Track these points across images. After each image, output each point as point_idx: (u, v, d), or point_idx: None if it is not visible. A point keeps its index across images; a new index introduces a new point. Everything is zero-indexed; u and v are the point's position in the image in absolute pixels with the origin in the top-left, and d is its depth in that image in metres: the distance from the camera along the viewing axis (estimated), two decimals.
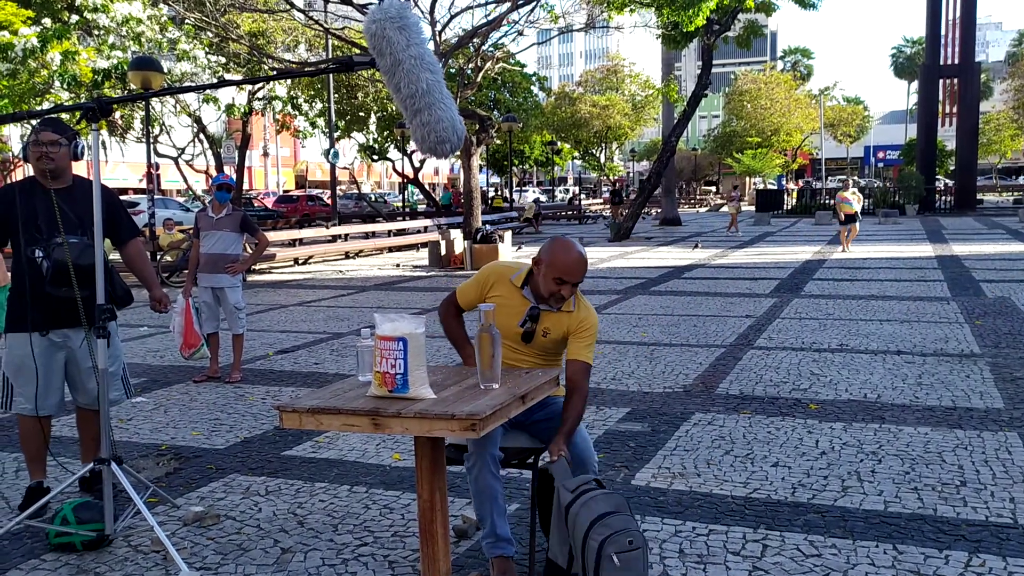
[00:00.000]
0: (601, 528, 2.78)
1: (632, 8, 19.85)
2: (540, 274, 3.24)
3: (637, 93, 54.79)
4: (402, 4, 2.74)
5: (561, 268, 3.18)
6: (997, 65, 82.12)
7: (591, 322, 3.31)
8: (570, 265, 3.18)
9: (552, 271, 3.19)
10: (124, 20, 16.71)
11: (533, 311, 3.29)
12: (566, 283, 3.18)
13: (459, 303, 3.46)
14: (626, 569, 2.74)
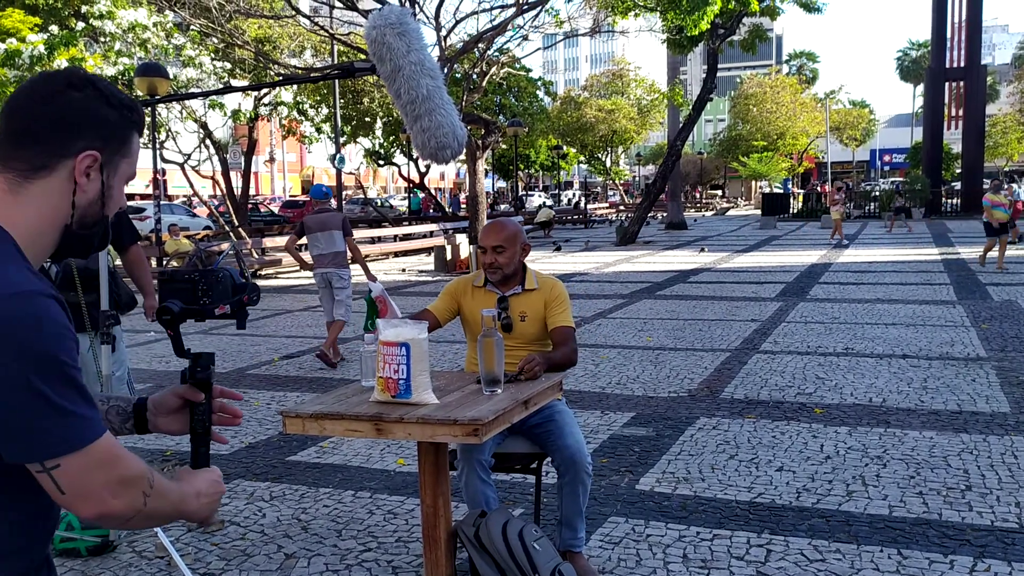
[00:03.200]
0: (511, 528, 2.98)
1: (637, 12, 19.86)
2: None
3: (643, 97, 54.78)
4: (402, 10, 2.75)
5: (480, 238, 3.49)
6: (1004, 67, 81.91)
7: (559, 290, 3.54)
8: (484, 232, 3.47)
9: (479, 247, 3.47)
10: (130, 27, 16.78)
11: (501, 300, 3.46)
12: (485, 250, 3.43)
13: (435, 316, 3.52)
14: (545, 551, 3.03)
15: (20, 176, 1.27)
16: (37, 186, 1.28)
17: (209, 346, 8.87)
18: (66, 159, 1.29)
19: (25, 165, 1.27)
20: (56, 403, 1.18)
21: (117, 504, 1.24)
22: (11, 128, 1.29)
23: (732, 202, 61.40)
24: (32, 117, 1.28)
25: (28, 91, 1.30)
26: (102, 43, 17.02)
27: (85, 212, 1.33)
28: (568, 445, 3.24)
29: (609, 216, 42.78)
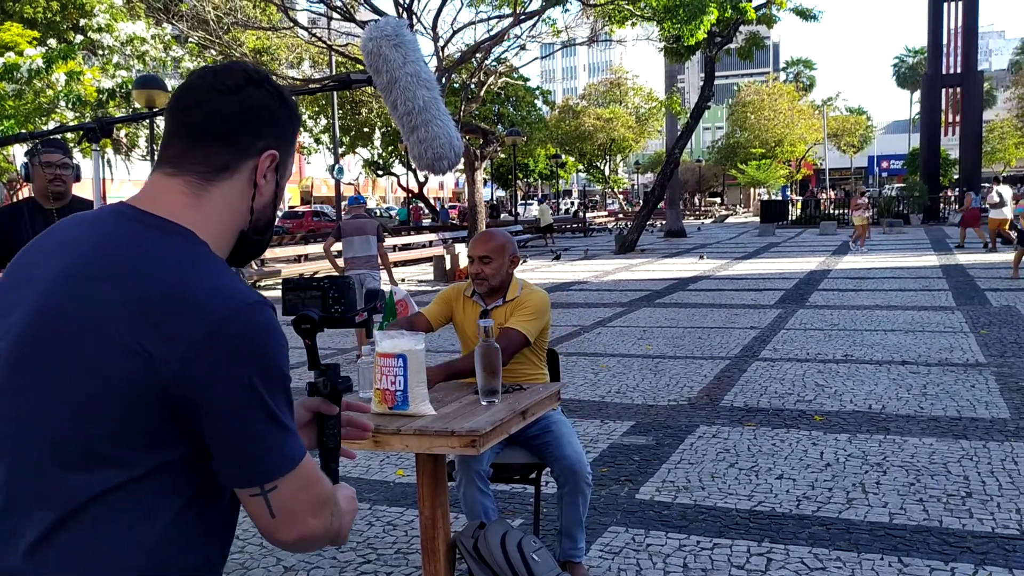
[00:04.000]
0: (510, 539, 2.94)
1: (634, 22, 19.94)
2: None
3: (641, 106, 54.91)
4: (398, 22, 2.75)
5: (468, 248, 3.49)
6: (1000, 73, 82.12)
7: (532, 300, 3.45)
8: (473, 242, 3.48)
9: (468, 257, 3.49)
10: (128, 40, 16.84)
11: (483, 312, 3.45)
12: (472, 260, 3.43)
13: (427, 319, 3.52)
14: (545, 562, 3.00)
15: (201, 179, 1.20)
16: (219, 188, 1.21)
17: None
18: (248, 160, 1.22)
19: (206, 167, 1.20)
20: (280, 420, 1.13)
21: (315, 526, 1.18)
22: (189, 125, 1.21)
23: (731, 209, 61.46)
24: (215, 114, 1.20)
25: (207, 86, 1.22)
26: (100, 56, 17.08)
27: (260, 215, 1.27)
28: (567, 455, 3.23)
29: (608, 224, 42.81)
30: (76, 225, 1.21)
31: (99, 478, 1.08)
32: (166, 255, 1.12)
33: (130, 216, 1.17)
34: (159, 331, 1.06)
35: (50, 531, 1.08)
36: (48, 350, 1.10)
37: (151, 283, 1.08)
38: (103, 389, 1.07)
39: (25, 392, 1.11)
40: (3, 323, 1.17)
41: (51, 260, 1.16)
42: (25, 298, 1.15)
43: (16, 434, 1.12)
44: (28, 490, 1.11)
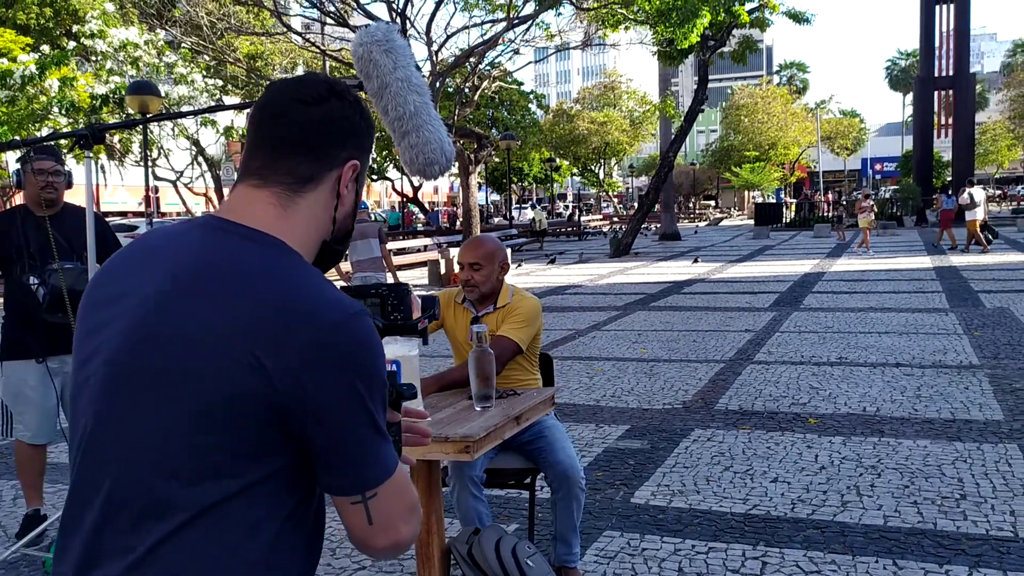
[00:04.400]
0: (504, 545, 2.93)
1: (627, 25, 19.97)
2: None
3: (635, 109, 55.01)
4: (388, 27, 2.75)
5: (458, 255, 3.48)
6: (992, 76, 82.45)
7: (523, 307, 3.43)
8: (463, 249, 3.48)
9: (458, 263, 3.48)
10: (121, 45, 16.83)
11: (474, 318, 3.45)
12: (463, 266, 3.43)
13: None
14: (539, 568, 2.99)
15: (288, 190, 1.21)
16: (305, 199, 1.22)
17: None
18: (332, 170, 1.24)
19: (292, 178, 1.21)
20: (380, 427, 1.15)
21: (407, 532, 1.19)
22: (275, 137, 1.22)
23: (725, 212, 61.57)
24: (301, 126, 1.21)
25: (291, 98, 1.23)
26: (93, 62, 17.05)
27: (341, 225, 1.29)
28: (560, 461, 3.23)
29: (603, 228, 42.85)
30: (166, 238, 1.22)
31: (210, 490, 1.09)
32: (269, 267, 1.13)
33: (223, 228, 1.18)
34: (271, 342, 1.07)
35: (159, 544, 1.08)
36: (156, 363, 1.10)
37: (260, 295, 1.10)
38: (216, 401, 1.07)
39: (131, 405, 1.11)
40: (94, 338, 1.17)
41: (146, 273, 1.17)
42: (121, 313, 1.15)
43: (120, 448, 1.12)
44: (136, 503, 1.10)
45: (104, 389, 1.14)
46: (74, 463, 1.19)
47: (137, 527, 1.09)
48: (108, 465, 1.12)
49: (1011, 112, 53.69)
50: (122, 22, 18.84)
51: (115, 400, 1.13)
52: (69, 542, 1.15)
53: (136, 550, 1.08)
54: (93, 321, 1.19)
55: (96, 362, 1.16)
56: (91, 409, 1.15)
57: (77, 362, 1.21)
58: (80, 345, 1.21)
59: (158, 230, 1.26)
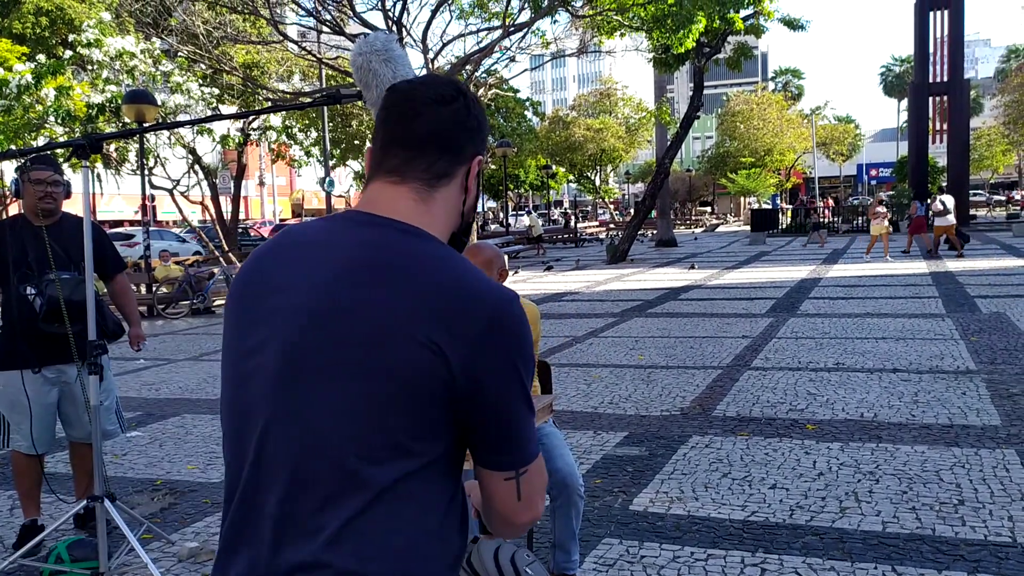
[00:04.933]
0: (503, 553, 2.93)
1: (623, 32, 20.02)
2: None
3: (630, 116, 55.07)
4: (387, 37, 2.76)
5: None
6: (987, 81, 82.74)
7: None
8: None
9: None
10: (118, 54, 16.83)
11: None
12: None
13: None
14: (538, 575, 2.92)
15: (426, 185, 1.28)
16: (440, 194, 1.29)
17: (199, 372, 8.84)
18: (461, 166, 1.31)
19: (429, 174, 1.28)
20: (531, 406, 1.23)
21: (540, 509, 1.28)
22: (413, 135, 1.28)
23: (721, 218, 61.65)
24: (437, 124, 1.28)
25: (427, 98, 1.29)
26: (90, 71, 17.05)
27: (468, 217, 1.36)
28: (559, 468, 3.23)
29: (599, 235, 42.88)
30: (317, 232, 1.28)
31: (393, 469, 1.15)
32: (431, 256, 1.21)
33: (376, 222, 1.25)
34: (446, 326, 1.14)
35: (351, 521, 1.14)
36: (338, 350, 1.16)
37: (430, 282, 1.17)
38: (398, 383, 1.14)
39: (315, 391, 1.16)
40: (261, 328, 1.23)
41: (307, 265, 1.22)
42: (290, 303, 1.21)
43: (306, 432, 1.16)
44: (326, 484, 1.15)
45: (282, 377, 1.19)
46: (243, 446, 1.22)
47: (328, 506, 1.15)
48: (293, 449, 1.17)
49: (1006, 117, 53.82)
50: (118, 31, 18.85)
51: (297, 386, 1.18)
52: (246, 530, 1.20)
53: (328, 528, 1.14)
54: (255, 312, 1.25)
55: (268, 351, 1.21)
56: (266, 397, 1.20)
57: (237, 352, 1.26)
58: (240, 335, 1.26)
59: (299, 226, 1.31)
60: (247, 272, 1.30)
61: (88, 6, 24.08)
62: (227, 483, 1.26)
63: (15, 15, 24.29)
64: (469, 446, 1.22)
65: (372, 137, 1.35)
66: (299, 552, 1.15)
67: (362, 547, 1.14)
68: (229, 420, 1.27)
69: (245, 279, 1.29)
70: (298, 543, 1.15)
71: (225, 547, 1.23)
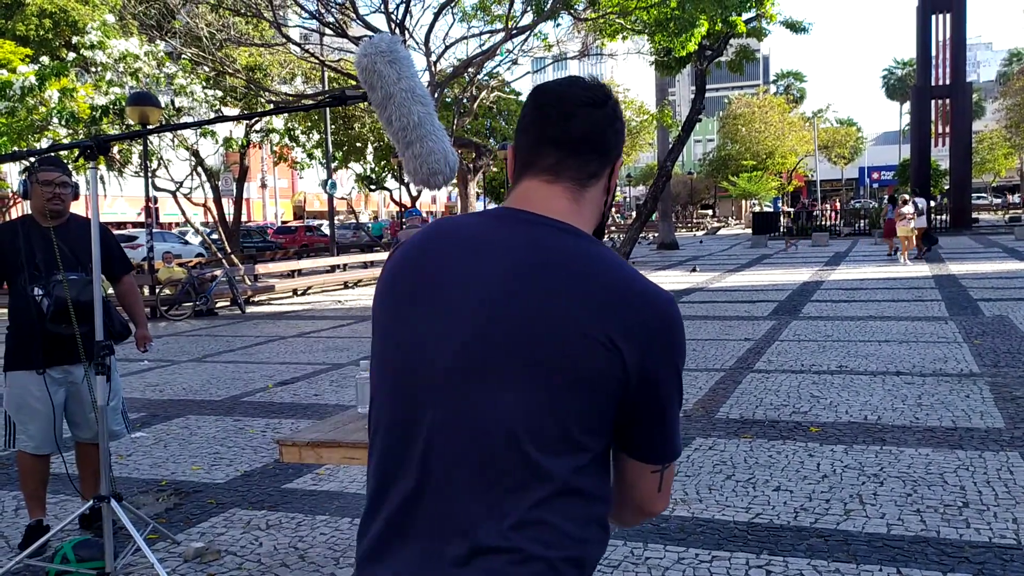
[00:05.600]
0: None
1: (625, 35, 20.03)
2: None
3: (632, 119, 55.06)
4: (392, 38, 2.77)
5: None
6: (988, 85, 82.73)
7: None
8: None
9: None
10: (121, 56, 16.85)
11: None
12: None
13: None
14: None
15: (578, 185, 1.31)
16: (589, 194, 1.32)
17: (203, 373, 8.85)
18: (607, 167, 1.34)
19: (582, 174, 1.31)
20: (681, 403, 1.30)
21: (668, 502, 1.36)
22: (568, 136, 1.30)
23: (723, 221, 61.66)
24: (591, 126, 1.31)
25: (581, 100, 1.32)
26: (93, 73, 17.08)
27: (607, 216, 1.40)
28: None
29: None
30: (471, 228, 1.30)
31: (571, 461, 1.20)
32: (597, 256, 1.24)
33: (535, 220, 1.28)
34: (623, 325, 1.19)
35: (533, 509, 1.19)
36: (516, 345, 1.19)
37: (603, 281, 1.21)
38: (577, 378, 1.18)
39: (495, 385, 1.19)
40: (427, 323, 1.25)
41: (473, 262, 1.25)
42: (459, 299, 1.23)
43: (487, 424, 1.20)
44: (511, 474, 1.19)
45: (458, 369, 1.21)
46: (407, 436, 1.25)
47: (512, 495, 1.19)
48: (475, 440, 1.20)
49: (1007, 121, 53.83)
50: (122, 33, 18.89)
51: (474, 380, 1.21)
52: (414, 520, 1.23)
53: (512, 515, 1.19)
54: (420, 304, 1.26)
55: (440, 344, 1.23)
56: (439, 389, 1.23)
57: (400, 343, 1.27)
58: (403, 326, 1.27)
59: (450, 221, 1.34)
60: (401, 263, 1.32)
61: (92, 8, 24.12)
62: (381, 471, 1.28)
63: (19, 17, 24.33)
64: (623, 439, 1.27)
65: (516, 134, 1.38)
66: (488, 537, 1.19)
67: (544, 534, 1.19)
68: (390, 411, 1.29)
69: (400, 271, 1.32)
70: (485, 529, 1.19)
71: (384, 539, 1.25)
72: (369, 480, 1.32)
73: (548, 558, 1.19)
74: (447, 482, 1.21)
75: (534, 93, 1.36)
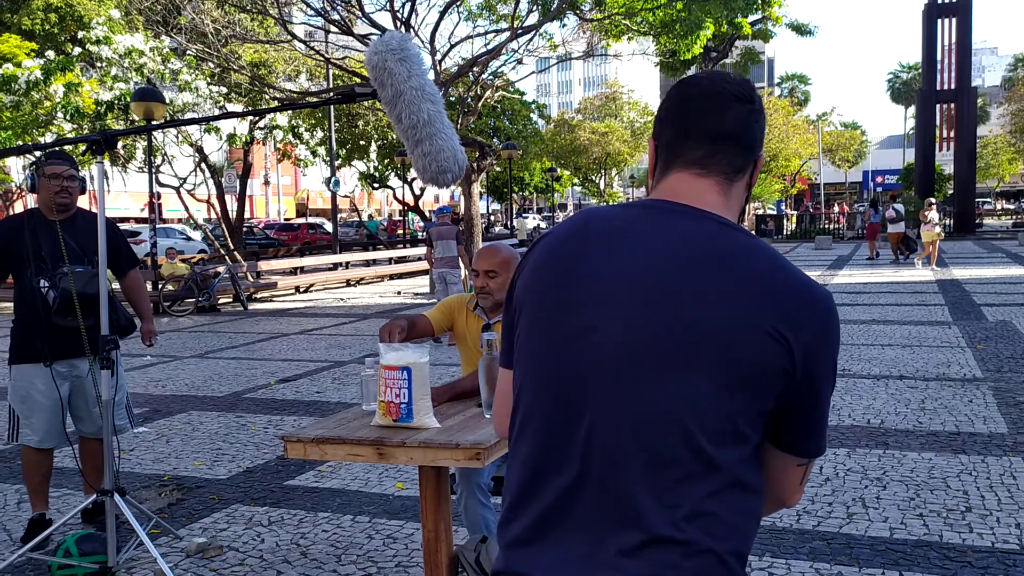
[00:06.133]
0: None
1: (630, 36, 20.03)
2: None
3: (636, 120, 55.09)
4: (403, 36, 2.77)
5: (474, 262, 3.47)
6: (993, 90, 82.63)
7: None
8: (478, 256, 3.46)
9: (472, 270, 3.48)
10: (127, 52, 16.86)
11: (485, 327, 3.42)
12: (478, 273, 3.40)
13: (429, 322, 3.50)
14: None
15: (726, 179, 1.32)
16: (735, 188, 1.34)
17: (205, 369, 8.85)
18: (750, 162, 1.35)
19: (730, 168, 1.32)
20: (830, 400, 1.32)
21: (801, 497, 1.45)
22: (719, 130, 1.32)
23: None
24: (741, 121, 1.32)
25: (731, 95, 1.33)
26: (98, 68, 17.09)
27: (744, 210, 1.41)
28: None
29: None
30: (626, 219, 1.30)
31: (735, 453, 1.21)
32: (763, 250, 1.25)
33: (695, 214, 1.28)
34: (792, 318, 1.20)
35: (704, 500, 1.19)
36: (682, 336, 1.19)
37: (773, 277, 1.22)
38: (745, 369, 1.18)
39: (659, 375, 1.19)
40: (586, 312, 1.24)
41: (630, 253, 1.25)
42: (621, 289, 1.23)
43: (653, 416, 1.19)
44: (683, 464, 1.19)
45: (624, 360, 1.21)
46: (566, 426, 1.24)
47: (681, 485, 1.19)
48: (644, 430, 1.20)
49: (1012, 126, 53.77)
50: (127, 29, 18.89)
51: (640, 370, 1.20)
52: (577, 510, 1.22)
53: (684, 506, 1.19)
54: (576, 293, 1.26)
55: (604, 334, 1.23)
56: (603, 380, 1.22)
57: (556, 334, 1.27)
58: (558, 316, 1.27)
59: (596, 212, 1.34)
60: (547, 253, 1.32)
61: (97, 3, 24.13)
62: (534, 462, 1.27)
63: (24, 11, 24.35)
64: (775, 432, 1.27)
65: (659, 126, 1.38)
66: (662, 527, 1.18)
67: (714, 526, 1.20)
68: (545, 404, 1.28)
69: (546, 263, 1.32)
70: (658, 519, 1.19)
71: (539, 527, 1.25)
72: (515, 471, 1.31)
73: (718, 551, 1.19)
74: (614, 473, 1.21)
75: (682, 87, 1.36)
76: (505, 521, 1.30)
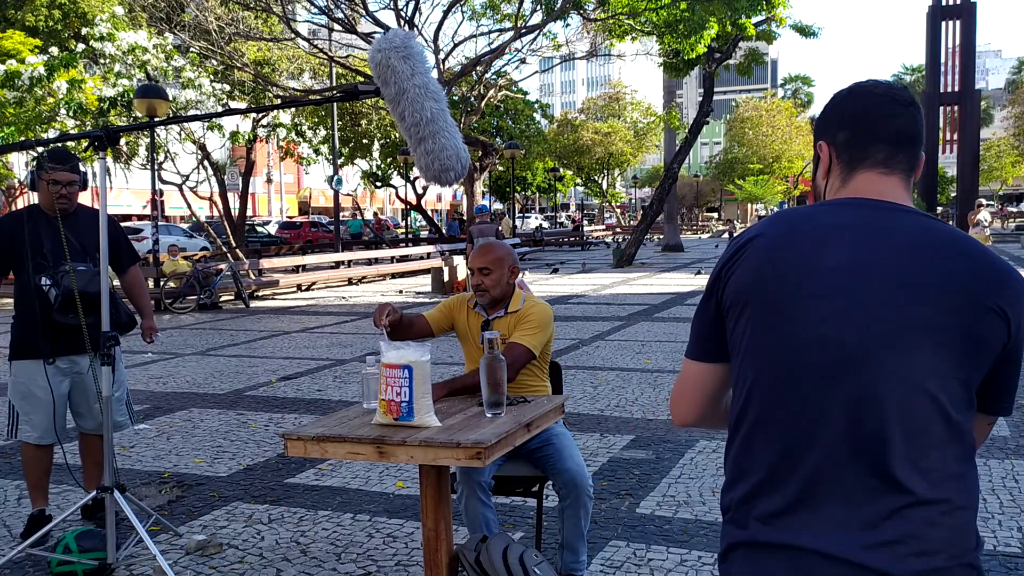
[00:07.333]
0: (512, 553, 2.94)
1: (634, 36, 20.03)
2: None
3: (639, 120, 55.08)
4: (407, 34, 2.77)
5: (469, 260, 3.50)
6: (997, 92, 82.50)
7: (535, 312, 3.43)
8: (473, 254, 3.48)
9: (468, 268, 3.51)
10: (130, 49, 16.88)
11: (485, 324, 3.43)
12: (473, 271, 3.43)
13: (428, 322, 3.51)
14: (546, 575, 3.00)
15: (906, 177, 1.48)
16: (910, 186, 1.49)
17: (206, 367, 8.86)
18: (919, 161, 1.49)
19: (908, 167, 1.47)
20: None
21: None
22: (900, 132, 1.46)
23: (730, 224, 61.64)
24: (916, 124, 1.48)
25: (906, 99, 1.48)
26: (102, 65, 17.11)
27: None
28: (569, 468, 3.22)
29: (606, 238, 42.86)
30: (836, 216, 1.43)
31: (968, 419, 1.37)
32: (964, 236, 1.40)
33: (903, 209, 1.42)
34: (1007, 296, 1.35)
35: (953, 463, 1.35)
36: (928, 316, 1.33)
37: (987, 259, 1.37)
38: (978, 344, 1.34)
39: (910, 353, 1.33)
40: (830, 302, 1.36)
41: (855, 246, 1.38)
42: (861, 279, 1.35)
43: (903, 392, 1.33)
44: (932, 433, 1.33)
45: (872, 344, 1.34)
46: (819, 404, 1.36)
47: (935, 451, 1.34)
48: (900, 405, 1.33)
49: (1015, 129, 53.70)
50: (131, 25, 18.91)
51: (889, 352, 1.33)
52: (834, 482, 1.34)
53: (939, 469, 1.34)
54: (811, 286, 1.37)
55: (845, 324, 1.35)
56: (852, 364, 1.34)
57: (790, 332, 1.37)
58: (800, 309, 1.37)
59: (796, 213, 1.47)
60: (765, 254, 1.43)
61: (101, 0, 24.16)
62: (785, 440, 1.38)
63: (28, 7, 24.38)
64: (982, 395, 1.40)
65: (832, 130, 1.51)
66: (922, 490, 1.32)
67: (964, 487, 1.36)
68: (788, 389, 1.38)
69: (763, 264, 1.42)
70: (917, 483, 1.32)
71: (797, 501, 1.36)
72: (761, 453, 1.40)
73: (966, 508, 1.36)
74: (873, 446, 1.33)
75: (858, 93, 1.50)
76: (750, 496, 1.41)
